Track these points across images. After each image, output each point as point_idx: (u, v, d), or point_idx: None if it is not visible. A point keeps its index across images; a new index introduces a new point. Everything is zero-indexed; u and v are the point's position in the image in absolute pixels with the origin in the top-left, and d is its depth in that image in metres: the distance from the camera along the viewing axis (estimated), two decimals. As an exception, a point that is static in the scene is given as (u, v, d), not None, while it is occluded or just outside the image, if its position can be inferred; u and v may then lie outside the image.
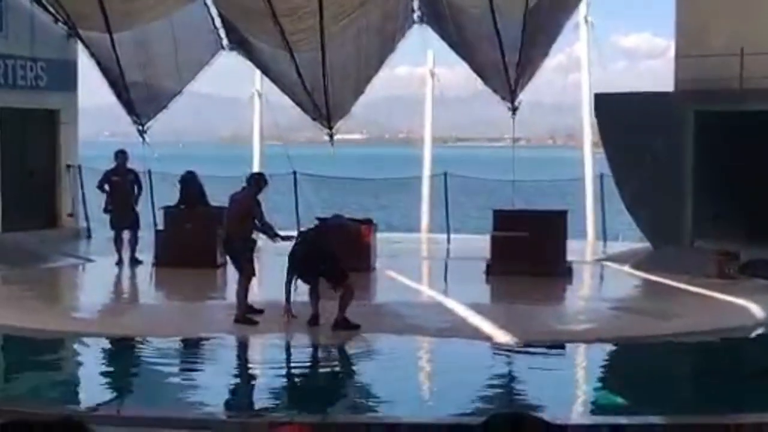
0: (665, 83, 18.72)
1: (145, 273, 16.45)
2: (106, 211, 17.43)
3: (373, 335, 11.87)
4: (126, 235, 17.23)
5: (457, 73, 24.61)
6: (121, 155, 17.38)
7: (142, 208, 18.55)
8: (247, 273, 12.61)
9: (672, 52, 18.52)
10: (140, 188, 17.69)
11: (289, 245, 12.40)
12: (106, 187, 17.28)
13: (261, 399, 9.77)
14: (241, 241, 12.66)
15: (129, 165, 17.57)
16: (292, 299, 11.93)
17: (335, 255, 11.99)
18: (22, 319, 12.40)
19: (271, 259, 15.39)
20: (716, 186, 16.92)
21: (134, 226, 17.29)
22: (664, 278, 15.48)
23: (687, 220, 17.44)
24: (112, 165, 17.50)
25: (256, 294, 13.26)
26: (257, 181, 12.89)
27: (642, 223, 18.28)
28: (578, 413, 9.18)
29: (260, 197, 12.88)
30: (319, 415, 8.74)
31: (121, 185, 17.15)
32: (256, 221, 12.64)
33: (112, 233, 17.43)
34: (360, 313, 12.12)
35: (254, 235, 12.92)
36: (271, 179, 23.53)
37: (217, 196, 18.84)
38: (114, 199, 17.16)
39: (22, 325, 12.17)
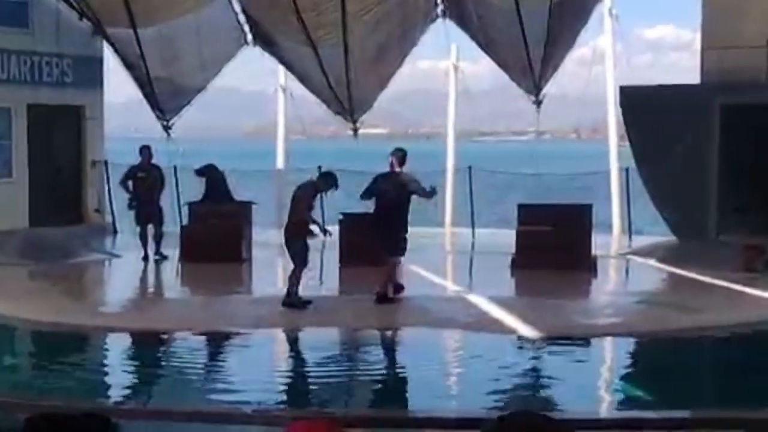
0: (690, 75, 18.62)
1: (170, 268, 16.55)
2: (130, 207, 17.48)
3: (398, 329, 11.89)
4: (151, 230, 17.32)
5: (480, 67, 24.60)
6: (145, 150, 17.43)
7: (168, 203, 18.65)
8: (301, 262, 12.86)
9: (697, 44, 18.41)
10: (163, 184, 17.74)
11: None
12: (130, 183, 17.31)
13: (286, 392, 9.81)
14: (298, 232, 12.95)
15: (153, 160, 17.63)
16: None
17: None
18: (49, 314, 12.50)
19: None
20: (742, 179, 16.80)
21: (159, 221, 17.38)
22: (690, 272, 15.40)
23: (712, 213, 17.35)
24: (136, 161, 17.58)
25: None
26: (323, 181, 13.32)
27: (667, 216, 18.18)
28: (602, 407, 9.16)
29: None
30: (343, 408, 8.76)
31: (146, 181, 17.22)
32: (303, 212, 12.94)
33: (137, 229, 17.52)
34: (385, 308, 12.14)
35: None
36: (295, 174, 23.73)
37: (242, 191, 18.94)
38: (138, 195, 17.23)
39: (49, 320, 12.28)
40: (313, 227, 13.18)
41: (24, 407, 4.23)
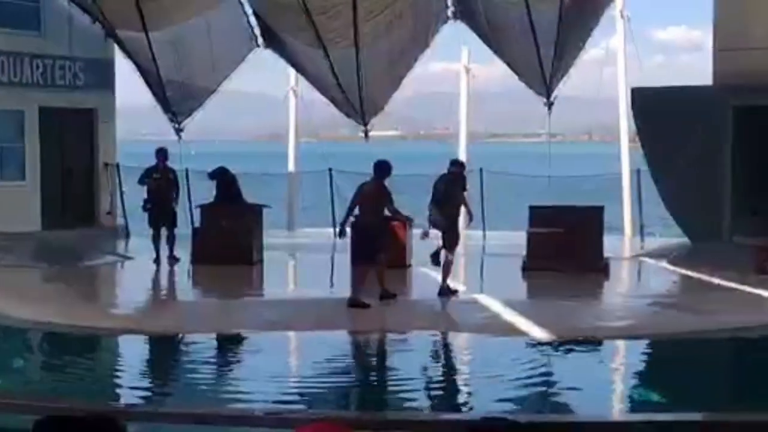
0: (702, 77, 18.55)
1: (182, 270, 16.56)
2: (145, 208, 17.45)
3: (410, 332, 11.87)
4: (163, 233, 17.32)
5: (492, 69, 24.55)
6: (161, 153, 17.40)
7: (179, 205, 18.65)
8: (382, 259, 12.95)
9: (709, 46, 18.33)
10: (177, 188, 17.72)
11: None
12: (147, 182, 17.26)
13: (297, 394, 9.79)
14: (377, 229, 13.10)
15: (167, 163, 17.59)
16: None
17: None
18: (61, 317, 12.52)
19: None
20: (755, 181, 16.72)
21: (171, 224, 17.37)
22: (702, 274, 15.33)
23: (725, 215, 17.27)
24: (147, 164, 17.57)
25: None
26: (384, 169, 13.18)
27: (680, 218, 18.11)
28: (615, 410, 9.12)
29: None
30: (355, 411, 8.75)
31: (161, 183, 17.19)
32: (387, 207, 13.10)
33: (149, 231, 17.51)
34: (396, 310, 12.13)
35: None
36: (307, 176, 23.76)
37: (253, 194, 18.95)
38: (153, 197, 17.20)
39: (61, 322, 12.30)
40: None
41: (32, 409, 4.23)
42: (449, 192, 13.76)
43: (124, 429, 2.23)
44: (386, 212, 13.25)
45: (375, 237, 13.05)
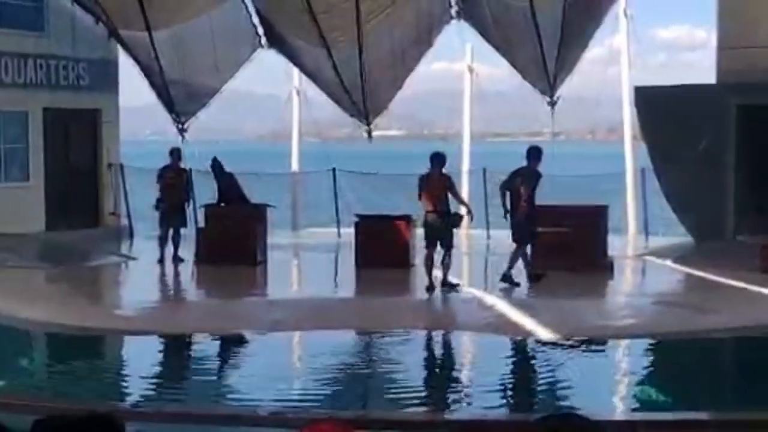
0: (705, 75, 18.54)
1: (186, 270, 16.57)
2: (157, 208, 17.35)
3: (414, 332, 11.87)
4: (169, 233, 17.27)
5: (495, 68, 24.51)
6: (175, 153, 17.34)
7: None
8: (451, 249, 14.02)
9: (712, 44, 18.32)
10: (189, 188, 17.65)
11: None
12: (160, 182, 17.18)
13: (301, 394, 9.79)
14: (446, 217, 13.98)
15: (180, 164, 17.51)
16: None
17: None
18: (65, 317, 12.53)
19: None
20: (758, 179, 16.70)
21: (180, 224, 17.30)
22: (707, 273, 15.30)
23: (729, 213, 17.25)
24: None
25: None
26: (442, 159, 14.26)
27: (684, 217, 18.09)
28: (620, 409, 9.11)
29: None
30: (358, 410, 8.74)
31: (175, 183, 17.13)
32: (452, 194, 14.21)
33: (156, 231, 17.43)
34: (400, 309, 12.12)
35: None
36: (310, 176, 23.76)
37: (257, 193, 18.95)
38: (166, 197, 17.12)
39: (65, 323, 12.30)
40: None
41: (32, 409, 4.23)
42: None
43: (122, 429, 2.22)
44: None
45: (445, 226, 14.05)
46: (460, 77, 23.33)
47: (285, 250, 19.06)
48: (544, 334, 11.46)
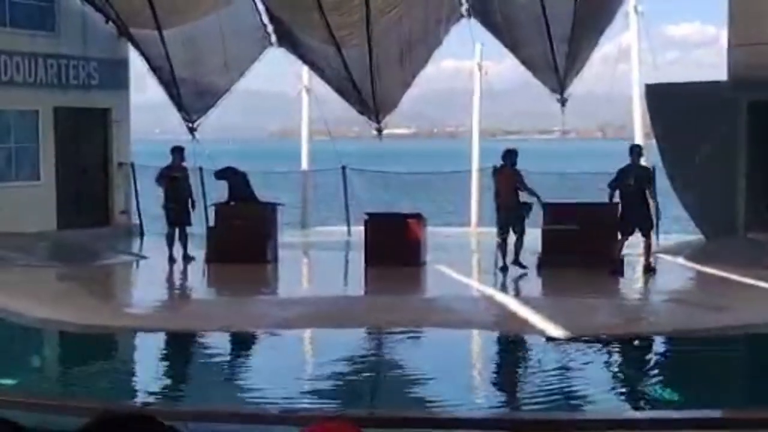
0: (716, 72, 18.45)
1: (196, 269, 16.59)
2: (165, 207, 17.38)
3: (424, 329, 11.86)
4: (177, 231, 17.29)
5: (505, 66, 24.50)
6: (177, 152, 17.33)
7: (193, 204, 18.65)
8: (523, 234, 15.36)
9: (723, 41, 18.23)
10: (202, 185, 17.60)
11: None
12: (162, 181, 17.18)
13: (311, 393, 9.80)
14: (518, 209, 15.34)
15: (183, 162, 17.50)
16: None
17: None
18: (77, 316, 12.56)
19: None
20: (770, 176, 16.64)
21: (186, 223, 17.32)
22: (718, 270, 15.26)
23: (740, 211, 17.18)
24: (161, 163, 17.54)
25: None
26: (514, 155, 15.69)
27: (695, 214, 18.03)
28: (628, 407, 9.09)
29: None
30: (369, 408, 8.74)
31: (179, 182, 17.12)
32: (522, 187, 15.47)
33: (164, 230, 17.46)
34: (411, 307, 12.11)
35: None
36: (320, 174, 23.77)
37: (267, 192, 18.97)
38: (172, 196, 17.13)
39: (76, 322, 12.33)
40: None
41: (42, 407, 4.24)
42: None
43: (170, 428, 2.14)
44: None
45: (517, 216, 15.41)
46: (469, 75, 23.30)
47: (295, 248, 19.07)
48: (555, 331, 11.44)
